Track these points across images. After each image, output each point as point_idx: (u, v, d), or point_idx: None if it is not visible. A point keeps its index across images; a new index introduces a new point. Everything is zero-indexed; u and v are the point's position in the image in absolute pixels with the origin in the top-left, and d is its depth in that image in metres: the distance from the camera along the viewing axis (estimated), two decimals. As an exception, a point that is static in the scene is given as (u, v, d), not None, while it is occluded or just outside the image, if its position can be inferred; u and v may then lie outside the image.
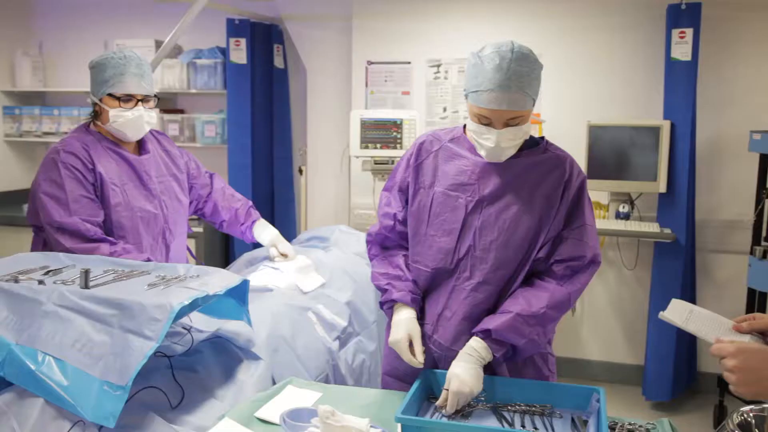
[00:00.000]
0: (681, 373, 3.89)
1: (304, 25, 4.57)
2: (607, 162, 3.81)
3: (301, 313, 2.35)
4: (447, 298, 1.88)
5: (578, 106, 4.02)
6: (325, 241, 3.02)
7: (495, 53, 1.72)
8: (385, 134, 3.93)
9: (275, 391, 1.87)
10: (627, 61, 3.96)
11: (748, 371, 1.21)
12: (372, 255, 2.05)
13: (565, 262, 1.85)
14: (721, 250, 3.94)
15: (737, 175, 3.83)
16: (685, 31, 3.63)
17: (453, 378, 1.72)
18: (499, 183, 1.85)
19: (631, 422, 1.71)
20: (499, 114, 1.75)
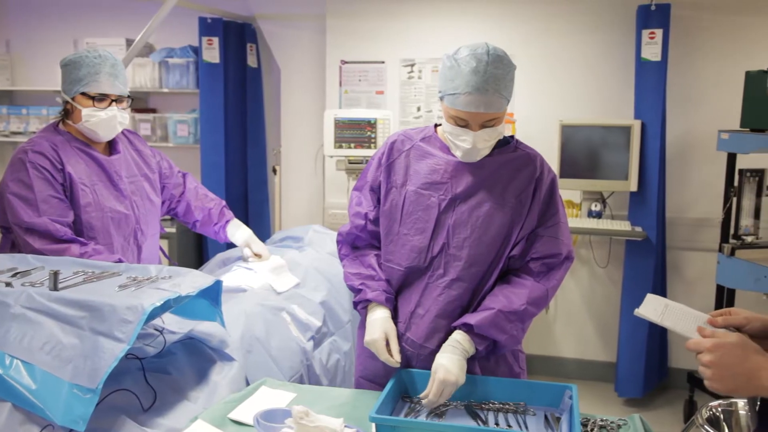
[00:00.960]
0: (652, 370, 3.94)
1: (278, 24, 4.55)
2: (579, 161, 3.84)
3: (275, 313, 2.34)
4: (420, 296, 1.89)
5: (550, 105, 4.05)
6: (299, 241, 3.01)
7: (471, 56, 1.73)
8: (359, 134, 3.92)
9: (249, 392, 1.86)
10: (598, 61, 4.00)
11: (723, 367, 1.21)
12: (342, 255, 2.05)
13: (541, 259, 1.87)
14: (690, 248, 4.00)
15: (706, 173, 3.89)
16: (654, 32, 3.68)
17: (439, 368, 1.73)
18: (471, 181, 1.86)
19: (603, 418, 1.73)
20: (477, 116, 1.76)
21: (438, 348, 1.85)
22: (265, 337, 2.20)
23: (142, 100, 4.87)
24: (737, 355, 1.20)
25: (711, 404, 1.80)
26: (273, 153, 4.68)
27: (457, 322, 1.83)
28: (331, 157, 4.06)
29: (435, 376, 1.73)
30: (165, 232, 2.84)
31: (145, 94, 4.84)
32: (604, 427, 1.69)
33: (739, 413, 1.75)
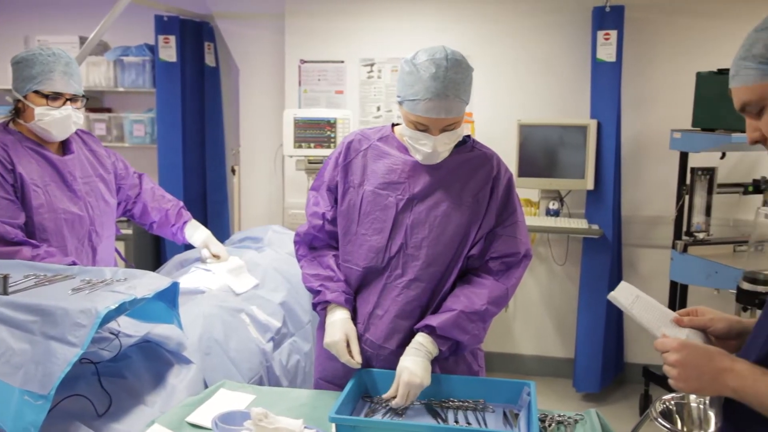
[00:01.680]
0: (609, 365, 4.01)
1: (236, 23, 4.50)
2: (537, 160, 3.89)
3: (233, 314, 2.32)
4: (378, 297, 1.89)
5: (509, 105, 4.10)
6: (258, 242, 2.99)
7: (430, 61, 1.73)
8: (319, 133, 3.91)
9: (207, 395, 1.84)
10: (556, 61, 4.06)
11: (689, 367, 1.22)
12: (300, 255, 2.03)
13: (500, 258, 1.88)
14: (645, 245, 4.09)
15: (659, 172, 3.98)
16: (609, 33, 3.75)
17: (403, 370, 1.73)
18: (428, 181, 1.87)
19: (561, 414, 1.76)
20: (437, 122, 1.77)
21: (398, 348, 1.86)
22: (224, 338, 2.18)
23: (97, 99, 4.78)
24: (702, 355, 1.22)
25: (664, 397, 1.85)
26: (232, 153, 4.64)
27: (420, 324, 1.83)
28: (290, 156, 4.04)
29: (400, 379, 1.73)
30: (121, 233, 2.78)
31: (99, 93, 4.75)
32: (562, 423, 1.72)
33: (690, 406, 1.80)
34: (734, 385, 1.16)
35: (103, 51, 4.55)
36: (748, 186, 3.57)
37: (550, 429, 1.69)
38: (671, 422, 1.79)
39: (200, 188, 4.67)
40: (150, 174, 2.86)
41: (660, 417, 1.77)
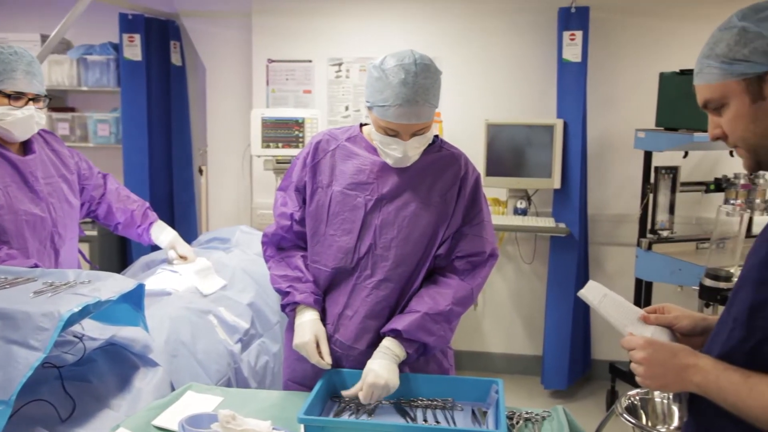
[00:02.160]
0: (576, 362, 4.06)
1: (202, 22, 4.46)
2: (505, 159, 3.92)
3: (201, 316, 2.30)
4: (348, 297, 1.89)
5: (476, 105, 4.12)
6: (226, 242, 2.97)
7: (399, 67, 1.73)
8: (287, 133, 3.89)
9: (174, 398, 1.82)
10: (522, 61, 4.09)
11: (654, 364, 1.24)
12: (268, 256, 2.02)
13: (466, 257, 1.89)
14: (611, 243, 4.14)
15: (624, 171, 4.03)
16: (575, 34, 3.79)
17: (369, 372, 1.74)
18: (397, 181, 1.87)
19: (529, 411, 1.78)
20: (407, 127, 1.77)
21: (367, 348, 1.86)
22: (191, 340, 2.16)
23: (60, 98, 4.69)
24: (667, 352, 1.24)
25: (629, 393, 1.87)
26: (199, 153, 4.59)
27: (385, 328, 1.83)
28: (258, 156, 4.02)
29: (365, 380, 1.73)
30: (85, 235, 2.74)
31: (62, 92, 4.66)
32: (529, 420, 1.73)
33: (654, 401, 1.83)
34: (698, 380, 1.18)
35: (66, 49, 4.47)
36: (709, 184, 3.64)
37: (518, 426, 1.70)
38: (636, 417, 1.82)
39: (167, 189, 4.62)
40: (115, 174, 2.82)
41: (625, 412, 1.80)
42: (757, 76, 1.15)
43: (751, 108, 1.17)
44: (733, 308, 1.20)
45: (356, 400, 1.77)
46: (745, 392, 1.11)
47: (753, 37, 1.15)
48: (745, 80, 1.16)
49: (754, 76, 1.15)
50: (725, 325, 1.22)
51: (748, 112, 1.18)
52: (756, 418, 1.11)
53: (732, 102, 1.19)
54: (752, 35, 1.15)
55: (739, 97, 1.18)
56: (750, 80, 1.16)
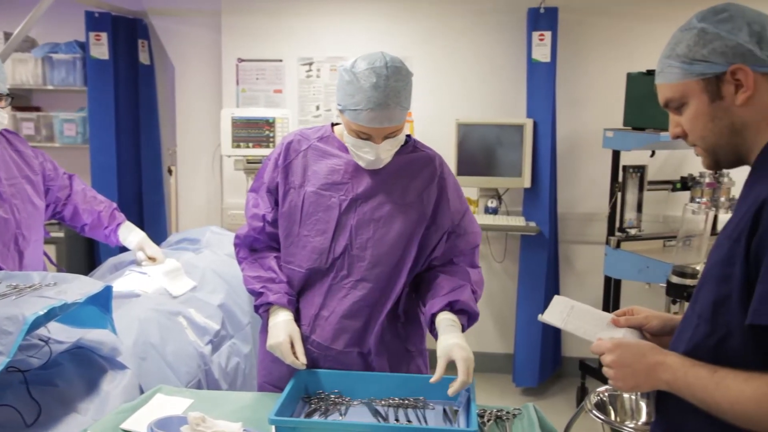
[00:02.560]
0: (547, 359, 4.10)
1: (171, 21, 4.41)
2: (476, 159, 3.94)
3: (170, 318, 2.28)
4: (323, 298, 1.88)
5: (447, 104, 4.13)
6: (196, 243, 2.94)
7: (370, 71, 1.72)
8: (258, 133, 3.87)
9: (143, 401, 1.79)
10: (492, 61, 4.11)
11: (624, 366, 1.25)
12: (241, 258, 2.01)
13: (462, 254, 1.95)
14: (580, 241, 4.19)
15: (593, 170, 4.08)
16: (544, 34, 3.83)
17: (455, 348, 1.73)
18: (372, 181, 1.87)
19: (500, 409, 1.79)
20: (379, 130, 1.77)
21: (345, 348, 1.87)
22: (160, 342, 2.14)
23: (24, 97, 4.61)
24: (635, 353, 1.25)
25: (598, 390, 1.89)
26: (168, 153, 4.54)
27: (435, 305, 1.83)
28: (228, 156, 3.99)
29: (458, 357, 1.70)
30: (51, 236, 2.70)
31: (27, 91, 4.58)
32: (500, 417, 1.74)
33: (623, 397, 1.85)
34: (667, 378, 1.20)
35: (30, 47, 4.39)
36: (676, 183, 3.70)
37: (489, 424, 1.71)
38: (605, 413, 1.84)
39: (135, 189, 4.56)
40: (82, 175, 2.78)
41: (594, 409, 1.82)
42: (716, 76, 1.19)
43: (710, 107, 1.21)
44: (697, 305, 1.22)
45: (329, 401, 1.76)
46: (713, 387, 1.13)
47: (711, 38, 1.18)
48: (704, 80, 1.20)
49: (713, 75, 1.19)
50: (690, 322, 1.24)
51: (707, 111, 1.21)
52: (723, 412, 1.13)
53: (692, 101, 1.22)
54: (711, 36, 1.18)
55: (698, 97, 1.21)
56: (709, 80, 1.19)
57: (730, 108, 1.19)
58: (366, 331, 1.88)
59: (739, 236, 1.12)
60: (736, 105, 1.18)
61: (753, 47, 1.16)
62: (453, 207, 1.92)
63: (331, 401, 1.78)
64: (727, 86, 1.18)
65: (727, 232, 1.18)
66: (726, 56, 1.17)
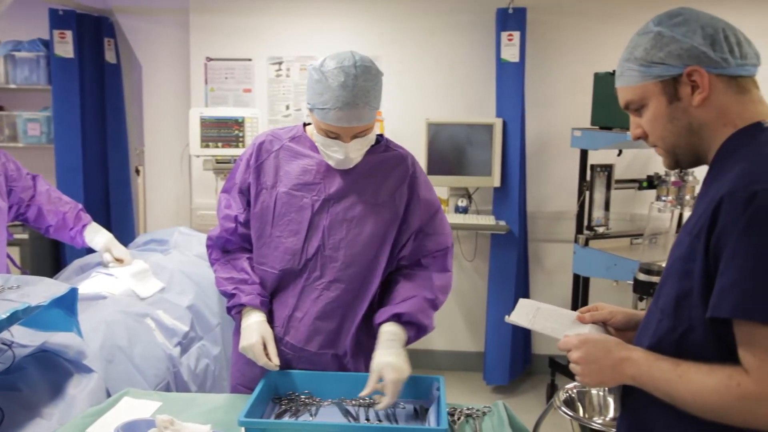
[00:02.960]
0: (517, 357, 4.13)
1: (138, 19, 4.35)
2: (446, 158, 3.96)
3: (138, 320, 2.25)
4: (297, 299, 1.87)
5: (417, 104, 4.14)
6: (164, 244, 2.91)
7: (339, 70, 1.71)
8: (227, 133, 3.84)
9: (110, 404, 1.77)
10: (462, 61, 4.13)
11: (590, 362, 1.27)
12: (213, 260, 1.99)
13: (431, 254, 1.93)
14: (549, 240, 4.23)
15: (562, 169, 4.11)
16: (512, 34, 3.85)
17: (386, 367, 1.70)
18: (344, 181, 1.86)
19: (470, 407, 1.80)
20: (348, 129, 1.76)
21: (319, 349, 1.86)
22: (128, 345, 2.11)
23: (-14, 96, 4.52)
24: (601, 348, 1.27)
25: (567, 387, 1.91)
26: (135, 153, 4.48)
27: (382, 316, 1.82)
28: (197, 156, 3.95)
29: (384, 376, 1.69)
30: (14, 238, 2.65)
31: (-12, 90, 4.49)
32: (470, 416, 1.75)
33: (591, 394, 1.87)
34: (632, 372, 1.22)
35: (-7, 46, 4.31)
36: (642, 182, 3.75)
37: (459, 422, 1.72)
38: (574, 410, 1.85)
39: (102, 190, 4.49)
40: (47, 176, 2.73)
41: (563, 405, 1.84)
42: (673, 78, 1.22)
43: (668, 108, 1.24)
44: (660, 300, 1.25)
45: (300, 402, 1.76)
46: (676, 380, 1.16)
47: (668, 41, 1.22)
48: (661, 82, 1.23)
49: (670, 78, 1.22)
50: (653, 317, 1.26)
51: (666, 112, 1.24)
52: (686, 404, 1.15)
53: (650, 103, 1.26)
54: (667, 39, 1.22)
55: (656, 98, 1.25)
56: (666, 82, 1.23)
57: (688, 109, 1.22)
58: (340, 333, 1.87)
59: (699, 233, 1.15)
60: (693, 106, 1.22)
61: (707, 49, 1.20)
62: (423, 206, 1.91)
63: (301, 402, 1.77)
64: (683, 88, 1.22)
65: (688, 228, 1.21)
66: (682, 58, 1.21)
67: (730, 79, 1.21)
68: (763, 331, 1.06)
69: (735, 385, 1.08)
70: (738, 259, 1.08)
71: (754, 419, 1.09)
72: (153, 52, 4.38)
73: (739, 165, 1.15)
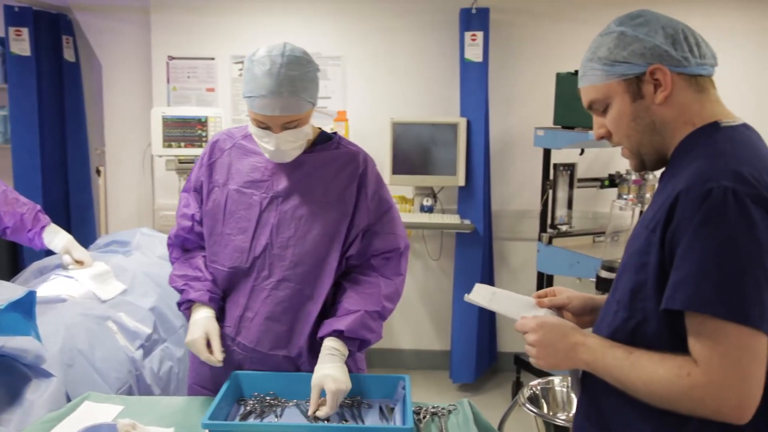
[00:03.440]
0: (483, 355, 4.16)
1: (97, 17, 4.27)
2: (411, 158, 3.97)
3: (99, 322, 2.21)
4: (247, 299, 1.85)
5: (382, 103, 4.14)
6: (125, 246, 2.87)
7: (266, 57, 1.71)
8: (190, 132, 3.79)
9: (69, 409, 1.73)
10: (427, 60, 4.14)
11: (545, 344, 1.30)
12: (173, 258, 1.98)
13: (382, 255, 1.90)
14: (514, 238, 4.26)
15: (526, 168, 4.16)
16: (476, 34, 3.88)
17: (326, 379, 1.68)
18: (292, 179, 1.85)
19: (435, 405, 1.80)
20: (275, 119, 1.75)
21: (270, 350, 1.84)
22: (89, 348, 2.07)
23: (-61, 95, 4.40)
24: (557, 332, 1.30)
25: (531, 384, 1.94)
26: (96, 153, 4.40)
27: (324, 330, 1.80)
28: (159, 156, 3.90)
29: (326, 389, 1.67)
30: (-31, 241, 2.58)
31: (-59, 88, 4.37)
32: (436, 414, 1.76)
33: (555, 390, 1.89)
34: (586, 358, 1.26)
35: (-55, 43, 4.20)
36: (604, 180, 3.81)
37: (425, 421, 1.72)
38: (538, 407, 1.88)
39: (62, 191, 4.40)
40: (4, 177, 2.68)
41: (528, 402, 1.86)
42: (636, 76, 1.25)
43: (632, 107, 1.27)
44: (617, 292, 1.29)
45: (265, 403, 1.74)
46: (628, 367, 1.19)
47: (630, 41, 1.25)
48: (625, 80, 1.26)
49: (633, 76, 1.25)
50: (610, 308, 1.30)
51: (629, 110, 1.27)
52: (637, 390, 1.18)
53: (614, 102, 1.28)
54: (630, 39, 1.25)
55: (620, 97, 1.27)
56: (630, 80, 1.26)
57: (651, 107, 1.25)
58: (293, 334, 1.85)
59: (655, 227, 1.18)
60: (656, 104, 1.25)
61: (669, 48, 1.23)
62: (372, 204, 1.89)
63: (267, 403, 1.76)
64: (647, 86, 1.24)
65: (644, 223, 1.25)
66: (645, 57, 1.23)
67: (690, 78, 1.24)
68: (713, 323, 1.10)
69: (685, 375, 1.12)
70: (692, 254, 1.11)
71: (701, 408, 1.12)
72: (113, 51, 4.31)
73: (695, 162, 1.18)
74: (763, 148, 1.22)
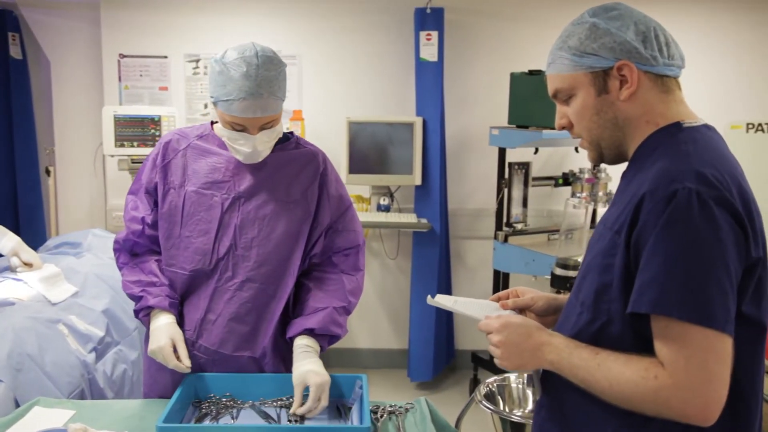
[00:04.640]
0: (441, 353, 4.18)
1: (45, 13, 4.16)
2: (367, 157, 3.97)
3: (49, 326, 2.17)
4: (209, 301, 1.83)
5: (338, 103, 4.13)
6: (77, 247, 2.82)
7: (241, 60, 1.70)
8: (143, 131, 3.73)
9: (18, 415, 1.69)
10: (382, 60, 4.15)
11: (510, 345, 1.28)
12: (121, 264, 1.93)
13: (342, 252, 1.93)
14: (470, 237, 4.30)
15: (481, 167, 4.19)
16: (431, 34, 3.90)
17: (309, 374, 1.71)
18: (254, 179, 1.84)
19: (392, 404, 1.81)
20: (254, 120, 1.74)
21: (233, 352, 1.82)
22: (38, 352, 2.03)
23: None
24: (522, 333, 1.29)
25: (487, 381, 1.96)
26: (45, 153, 4.29)
27: (295, 330, 1.82)
28: (111, 156, 3.83)
29: (312, 383, 1.69)
30: None
31: None
32: (393, 413, 1.77)
33: (510, 387, 1.92)
34: (551, 358, 1.25)
35: None
36: (558, 179, 3.87)
37: (383, 420, 1.73)
38: (494, 403, 1.90)
39: (9, 191, 4.27)
40: (-54, 177, 2.58)
41: (484, 399, 1.88)
42: (603, 70, 1.24)
43: (596, 100, 1.26)
44: (580, 293, 1.28)
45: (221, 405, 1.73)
46: (594, 368, 1.18)
47: (602, 34, 1.24)
48: (592, 73, 1.25)
49: (600, 70, 1.24)
50: (573, 309, 1.29)
51: (593, 104, 1.27)
52: (603, 392, 1.18)
53: (579, 93, 1.28)
54: (602, 32, 1.24)
55: (586, 89, 1.27)
56: (596, 74, 1.25)
57: (615, 102, 1.25)
58: (257, 334, 1.84)
59: (620, 229, 1.18)
60: (620, 100, 1.24)
61: (639, 45, 1.23)
62: (334, 203, 1.92)
63: (222, 405, 1.74)
64: (613, 81, 1.24)
65: (608, 223, 1.24)
66: (614, 52, 1.23)
67: (656, 77, 1.24)
68: (679, 326, 1.10)
69: (652, 377, 1.12)
70: (657, 256, 1.11)
71: (667, 410, 1.12)
72: (62, 48, 4.21)
73: (659, 162, 1.18)
74: (724, 148, 1.23)
